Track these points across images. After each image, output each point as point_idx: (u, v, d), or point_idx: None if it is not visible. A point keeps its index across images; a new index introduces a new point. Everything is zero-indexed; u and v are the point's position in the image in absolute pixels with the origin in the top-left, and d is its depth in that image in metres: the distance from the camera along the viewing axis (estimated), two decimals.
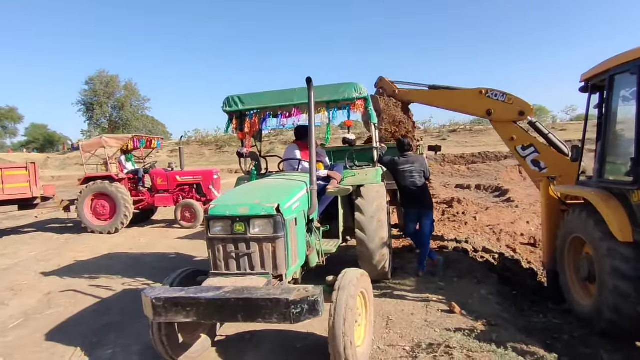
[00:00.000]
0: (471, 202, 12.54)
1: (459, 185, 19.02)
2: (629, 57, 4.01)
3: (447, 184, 19.91)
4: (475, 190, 17.87)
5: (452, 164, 29.01)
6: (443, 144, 36.78)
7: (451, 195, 14.02)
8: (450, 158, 30.49)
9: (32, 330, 4.35)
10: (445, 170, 26.27)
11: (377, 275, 4.65)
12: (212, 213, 3.00)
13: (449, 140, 40.13)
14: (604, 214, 4.06)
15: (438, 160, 29.08)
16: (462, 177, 23.24)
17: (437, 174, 23.88)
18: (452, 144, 38.46)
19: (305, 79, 3.41)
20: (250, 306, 2.49)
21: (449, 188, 18.24)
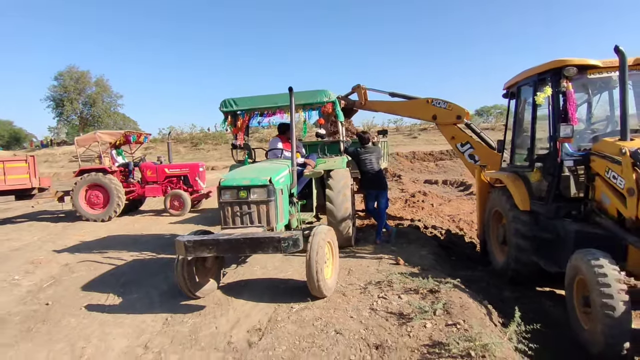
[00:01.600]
0: (436, 195, 13.95)
1: (427, 181, 20.30)
2: (530, 73, 5.47)
3: (416, 179, 21.28)
4: (442, 185, 19.27)
5: (421, 161, 30.67)
6: (414, 142, 38.64)
7: (418, 189, 15.42)
8: (420, 155, 32.11)
9: (65, 287, 5.38)
10: (415, 167, 27.73)
11: (343, 241, 5.95)
12: (224, 184, 4.23)
13: (420, 138, 41.89)
14: (511, 190, 5.51)
15: (408, 158, 30.80)
16: (430, 173, 24.74)
17: (407, 170, 25.26)
18: (422, 141, 40.25)
19: (288, 88, 4.68)
20: (254, 242, 3.73)
21: (418, 183, 19.59)
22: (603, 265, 3.49)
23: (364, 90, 8.44)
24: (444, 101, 7.73)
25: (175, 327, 3.88)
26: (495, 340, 3.02)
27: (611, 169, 4.15)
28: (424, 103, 7.89)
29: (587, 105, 5.74)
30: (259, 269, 5.55)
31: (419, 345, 3.20)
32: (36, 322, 4.21)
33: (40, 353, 3.54)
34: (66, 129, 54.90)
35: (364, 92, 8.44)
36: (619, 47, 4.13)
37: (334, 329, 3.58)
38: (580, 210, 4.71)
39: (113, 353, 3.46)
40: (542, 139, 5.34)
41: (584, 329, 3.69)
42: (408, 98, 8.21)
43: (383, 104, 8.55)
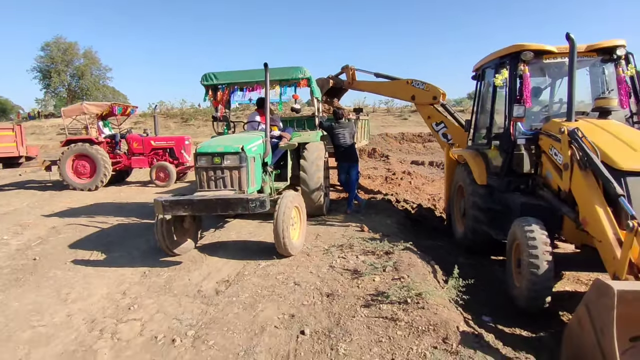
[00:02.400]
0: (420, 175, 14.36)
1: (414, 161, 20.72)
2: (492, 57, 5.82)
3: (403, 159, 21.66)
4: (428, 166, 19.68)
5: (410, 142, 31.07)
6: (404, 124, 38.88)
7: (404, 169, 15.84)
8: (409, 136, 32.49)
9: (52, 245, 5.75)
10: (403, 148, 28.14)
11: (315, 209, 6.38)
12: (199, 151, 4.59)
13: (410, 119, 42.06)
14: (470, 166, 5.93)
15: (397, 139, 31.19)
16: (418, 154, 25.08)
17: (395, 150, 25.65)
18: (412, 123, 40.47)
19: (263, 63, 4.98)
20: (225, 203, 4.13)
21: (405, 163, 20.00)
22: (534, 230, 3.94)
23: (352, 71, 8.77)
24: (422, 82, 8.06)
25: (152, 278, 4.30)
26: (429, 290, 3.47)
27: (553, 146, 4.57)
28: (404, 84, 8.22)
29: (550, 88, 6.14)
30: (234, 233, 5.97)
31: (365, 294, 3.65)
32: (24, 274, 4.60)
33: (29, 296, 3.93)
34: (54, 101, 53.98)
35: (352, 72, 8.77)
36: (569, 34, 4.48)
37: (293, 281, 4.02)
38: (528, 184, 5.16)
39: (95, 297, 3.86)
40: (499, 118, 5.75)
41: (516, 287, 4.18)
42: (391, 79, 8.53)
43: (368, 84, 8.88)
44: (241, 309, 3.46)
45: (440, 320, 3.05)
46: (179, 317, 3.39)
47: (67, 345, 3.00)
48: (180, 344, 2.95)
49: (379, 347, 2.79)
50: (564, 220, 4.49)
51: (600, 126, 4.41)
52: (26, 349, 2.96)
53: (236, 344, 2.91)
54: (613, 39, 5.15)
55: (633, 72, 5.12)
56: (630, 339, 2.76)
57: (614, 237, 3.45)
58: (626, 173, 3.69)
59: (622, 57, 5.11)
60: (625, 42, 5.13)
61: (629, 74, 5.10)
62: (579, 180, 4.00)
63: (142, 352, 2.87)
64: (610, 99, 4.84)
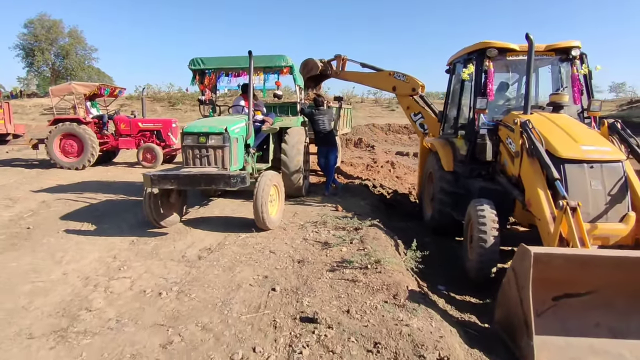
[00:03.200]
0: (403, 165, 14.79)
1: (399, 152, 21.16)
2: (462, 52, 6.27)
3: (388, 150, 22.06)
4: (412, 157, 20.05)
5: (396, 133, 31.58)
6: (392, 115, 39.32)
7: (388, 159, 16.25)
8: (395, 128, 32.99)
9: (44, 217, 6.07)
10: (389, 139, 28.66)
11: (294, 190, 6.81)
12: (186, 130, 4.97)
13: (397, 111, 42.42)
14: (439, 154, 6.41)
15: (384, 130, 31.66)
16: (403, 145, 25.57)
17: (381, 141, 26.13)
18: (399, 115, 40.77)
19: (247, 51, 5.35)
20: (208, 178, 4.54)
21: (390, 154, 20.41)
22: (484, 209, 4.44)
23: (344, 61, 9.05)
24: (403, 74, 8.47)
25: (140, 246, 4.69)
26: (387, 258, 3.96)
27: (509, 136, 5.06)
28: (386, 75, 8.61)
29: (517, 84, 6.63)
30: (218, 210, 6.38)
31: (331, 261, 4.12)
32: (19, 240, 4.94)
33: (26, 258, 4.29)
34: (37, 80, 52.87)
35: (344, 62, 9.06)
36: (529, 34, 4.94)
37: (269, 250, 4.47)
38: (488, 171, 5.66)
39: (87, 260, 4.24)
40: (466, 110, 6.23)
41: (469, 260, 4.69)
42: (376, 70, 8.91)
43: (354, 75, 9.21)
44: (221, 271, 3.90)
45: (393, 282, 3.53)
46: (164, 276, 3.80)
47: (64, 297, 3.39)
48: (166, 296, 3.37)
49: (338, 301, 3.26)
50: (515, 203, 5.01)
51: (551, 119, 4.91)
52: (28, 299, 3.34)
53: (215, 297, 3.35)
54: (570, 40, 5.64)
55: (586, 71, 5.63)
56: (552, 298, 3.28)
57: (550, 215, 3.96)
58: (565, 160, 4.21)
59: (577, 57, 5.60)
60: (580, 44, 5.63)
61: (582, 72, 5.61)
62: (527, 166, 4.51)
63: (132, 302, 3.29)
64: (562, 95, 5.35)
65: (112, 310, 3.16)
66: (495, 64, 5.71)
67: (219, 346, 2.64)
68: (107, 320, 2.99)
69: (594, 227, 3.99)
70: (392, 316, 2.98)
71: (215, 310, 3.14)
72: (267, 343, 2.66)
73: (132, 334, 2.80)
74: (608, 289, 3.16)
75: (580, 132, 4.56)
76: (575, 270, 3.13)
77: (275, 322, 2.91)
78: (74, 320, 2.99)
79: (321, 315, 2.93)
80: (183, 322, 2.95)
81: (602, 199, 4.12)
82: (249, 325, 2.90)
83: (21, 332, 2.83)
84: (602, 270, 3.11)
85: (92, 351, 2.60)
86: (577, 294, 3.24)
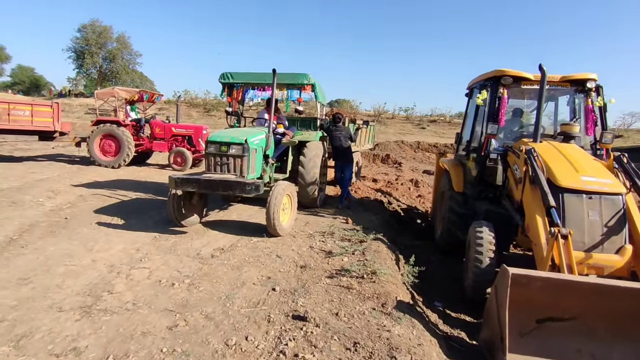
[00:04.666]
0: (429, 184, 14.66)
1: (426, 171, 21.03)
2: (479, 78, 6.50)
3: (415, 168, 22.02)
4: None
5: (424, 151, 31.46)
6: (422, 133, 39.22)
7: (412, 178, 16.18)
8: (425, 146, 32.88)
9: (80, 209, 6.69)
10: (417, 156, 28.59)
11: (309, 201, 7.16)
12: (210, 139, 5.45)
13: (428, 129, 42.53)
14: (450, 174, 6.62)
15: (413, 147, 31.65)
16: (431, 164, 25.34)
17: (409, 158, 26.07)
18: (430, 133, 40.90)
19: (272, 69, 5.81)
20: (226, 184, 4.97)
21: (417, 172, 20.35)
22: (483, 231, 4.63)
23: None
24: None
25: (161, 241, 5.16)
26: (383, 269, 4.22)
27: (515, 162, 5.23)
28: None
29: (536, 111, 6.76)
30: (235, 214, 6.82)
31: (332, 269, 4.42)
32: (58, 228, 5.53)
33: (62, 245, 4.84)
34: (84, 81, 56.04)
35: None
36: (542, 65, 5.14)
37: (276, 254, 4.82)
38: (495, 194, 5.82)
39: (113, 250, 4.74)
40: (478, 133, 6.42)
41: (466, 279, 4.87)
42: None
43: None
44: (229, 269, 4.28)
45: (384, 292, 3.80)
46: (179, 270, 4.22)
47: (92, 279, 3.86)
48: (177, 287, 3.78)
49: (330, 304, 3.56)
50: (518, 227, 5.15)
51: (558, 148, 5.05)
52: (61, 279, 3.83)
53: (220, 291, 3.72)
54: (585, 73, 5.76)
55: (601, 103, 5.73)
56: (536, 320, 3.45)
57: (545, 241, 4.11)
58: (564, 189, 4.35)
59: (592, 89, 5.71)
60: (596, 76, 5.74)
61: (597, 104, 5.71)
62: (528, 192, 4.67)
63: (148, 289, 3.71)
64: (573, 126, 5.47)
65: (131, 294, 3.59)
66: (512, 92, 5.91)
67: (217, 332, 3.00)
68: (125, 303, 3.41)
69: (588, 256, 4.10)
70: (377, 322, 3.25)
71: (219, 302, 3.50)
72: (259, 334, 3.00)
73: (145, 315, 3.21)
74: (590, 315, 3.30)
75: (583, 163, 4.67)
76: (557, 295, 3.29)
77: (270, 317, 3.24)
78: (97, 300, 3.43)
79: (311, 314, 3.24)
80: (189, 309, 3.34)
81: (598, 230, 4.22)
82: (246, 317, 3.24)
83: (53, 306, 3.30)
84: (583, 296, 3.25)
85: (110, 326, 3.02)
86: (560, 319, 3.39)
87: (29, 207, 6.57)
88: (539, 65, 5.15)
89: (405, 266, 4.76)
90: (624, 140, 31.11)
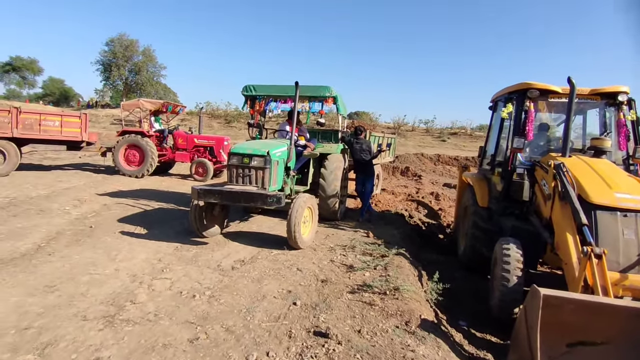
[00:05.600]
0: (449, 198, 14.44)
1: (446, 184, 20.71)
2: (504, 91, 6.38)
3: (436, 181, 21.65)
4: None
5: (445, 164, 31.05)
6: (442, 145, 38.78)
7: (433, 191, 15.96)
8: (445, 159, 32.47)
9: (104, 218, 6.81)
10: (437, 169, 28.21)
11: (330, 214, 7.11)
12: (233, 151, 5.48)
13: (448, 142, 42.05)
14: (475, 189, 6.47)
15: (433, 160, 31.30)
16: (452, 177, 25.03)
17: (429, 171, 25.74)
18: (450, 145, 40.42)
19: (294, 82, 5.84)
20: (248, 196, 4.97)
21: (437, 185, 20.03)
22: (510, 248, 4.48)
23: None
24: None
25: (182, 252, 5.19)
26: (406, 286, 4.11)
27: (544, 177, 5.07)
28: None
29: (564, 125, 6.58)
30: (256, 226, 6.81)
31: (353, 284, 4.34)
32: (83, 236, 5.63)
33: (86, 253, 4.92)
34: (111, 92, 57.86)
35: None
36: (570, 78, 5.01)
37: (297, 267, 4.78)
38: (522, 210, 5.65)
39: (136, 260, 4.78)
40: (503, 147, 6.27)
41: (493, 298, 4.70)
42: None
43: None
44: (250, 282, 4.25)
45: (408, 309, 3.69)
46: (200, 281, 4.22)
47: (115, 289, 3.90)
48: (198, 299, 3.76)
49: (352, 320, 3.48)
50: (547, 245, 4.97)
51: (589, 163, 4.87)
52: (86, 287, 3.88)
53: (241, 304, 3.69)
54: (616, 85, 5.58)
55: (634, 117, 5.53)
56: (567, 344, 3.29)
57: (576, 260, 3.94)
58: (596, 206, 4.17)
59: (624, 102, 5.52)
60: (628, 89, 5.55)
61: (629, 118, 5.51)
62: (557, 209, 4.50)
63: (169, 300, 3.71)
64: (604, 140, 5.29)
65: (152, 305, 3.60)
66: (539, 105, 5.77)
67: (238, 347, 2.96)
68: (147, 313, 3.42)
69: (623, 277, 3.91)
70: (401, 340, 3.15)
71: (240, 315, 3.47)
72: (280, 350, 2.94)
73: (167, 327, 3.20)
74: (624, 340, 3.12)
75: (616, 179, 4.49)
76: (590, 318, 3.13)
77: (291, 333, 3.19)
78: (120, 310, 3.45)
79: (333, 331, 3.17)
80: (210, 322, 3.31)
81: (634, 250, 4.02)
82: (267, 332, 3.20)
83: (78, 314, 3.33)
84: (617, 320, 3.09)
85: (132, 337, 3.02)
86: (592, 343, 3.22)
87: (56, 215, 6.74)
88: (567, 78, 5.01)
89: (429, 283, 4.64)
90: None
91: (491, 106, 7.29)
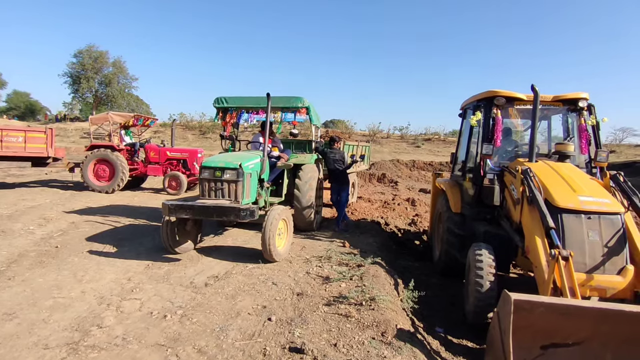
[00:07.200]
0: (425, 203, 14.59)
1: (422, 189, 21.02)
2: (473, 99, 6.53)
3: (412, 187, 21.92)
4: None
5: (420, 170, 31.52)
6: (417, 151, 39.40)
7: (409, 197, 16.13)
8: (420, 164, 33.00)
9: (71, 237, 6.55)
10: (413, 175, 28.60)
11: (306, 224, 7.07)
12: (204, 164, 5.38)
13: (423, 148, 42.89)
14: (447, 195, 6.57)
15: (408, 166, 31.76)
16: (427, 183, 25.50)
17: (405, 177, 26.09)
18: (425, 151, 41.21)
19: (266, 93, 5.81)
20: (220, 210, 4.88)
21: (413, 191, 20.26)
22: (482, 254, 4.55)
23: None
24: None
25: (153, 270, 5.03)
26: (381, 296, 4.10)
27: (512, 182, 5.20)
28: None
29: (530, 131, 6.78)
30: (231, 239, 6.69)
31: (329, 295, 4.30)
32: (47, 258, 5.38)
33: (51, 275, 4.70)
34: (80, 105, 56.32)
35: None
36: (534, 86, 5.17)
37: (272, 281, 4.70)
38: (493, 215, 5.76)
39: (104, 280, 4.60)
40: (474, 154, 6.41)
41: (467, 303, 4.75)
42: None
43: None
44: (223, 299, 4.15)
45: (384, 320, 3.68)
46: (172, 300, 4.09)
47: (80, 313, 3.72)
48: (170, 319, 3.64)
49: (328, 334, 3.43)
50: (518, 248, 5.07)
51: (554, 168, 5.03)
52: (48, 313, 3.69)
53: (214, 323, 3.59)
54: (577, 92, 5.81)
55: (594, 122, 5.75)
56: (540, 346, 3.34)
57: (545, 263, 4.03)
58: (562, 210, 4.30)
59: (584, 108, 5.75)
60: (587, 95, 5.78)
61: (590, 123, 5.73)
62: (526, 213, 4.61)
63: (139, 322, 3.57)
64: (567, 145, 5.48)
65: (121, 328, 3.45)
66: (505, 112, 5.93)
67: None
68: (115, 337, 3.27)
69: (590, 278, 4.02)
70: (377, 352, 3.13)
71: (212, 335, 3.37)
72: None
73: (135, 351, 3.07)
74: (595, 341, 3.20)
75: (580, 182, 4.64)
76: (561, 320, 3.20)
77: (265, 350, 3.11)
78: (85, 335, 3.29)
79: (309, 346, 3.11)
80: (182, 344, 3.20)
81: (599, 251, 4.15)
82: (240, 351, 3.11)
83: (38, 343, 3.15)
84: (587, 321, 3.16)
85: None
86: (565, 344, 3.29)
87: (19, 236, 6.43)
88: (531, 85, 5.17)
89: (405, 291, 4.65)
90: (617, 156, 31.51)
91: (461, 113, 7.45)
